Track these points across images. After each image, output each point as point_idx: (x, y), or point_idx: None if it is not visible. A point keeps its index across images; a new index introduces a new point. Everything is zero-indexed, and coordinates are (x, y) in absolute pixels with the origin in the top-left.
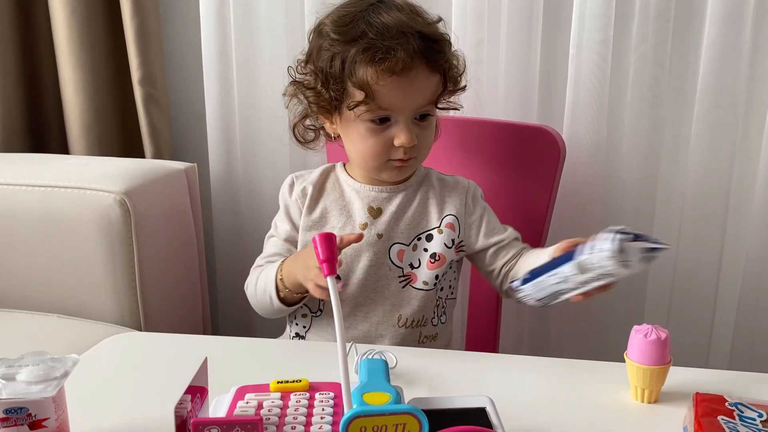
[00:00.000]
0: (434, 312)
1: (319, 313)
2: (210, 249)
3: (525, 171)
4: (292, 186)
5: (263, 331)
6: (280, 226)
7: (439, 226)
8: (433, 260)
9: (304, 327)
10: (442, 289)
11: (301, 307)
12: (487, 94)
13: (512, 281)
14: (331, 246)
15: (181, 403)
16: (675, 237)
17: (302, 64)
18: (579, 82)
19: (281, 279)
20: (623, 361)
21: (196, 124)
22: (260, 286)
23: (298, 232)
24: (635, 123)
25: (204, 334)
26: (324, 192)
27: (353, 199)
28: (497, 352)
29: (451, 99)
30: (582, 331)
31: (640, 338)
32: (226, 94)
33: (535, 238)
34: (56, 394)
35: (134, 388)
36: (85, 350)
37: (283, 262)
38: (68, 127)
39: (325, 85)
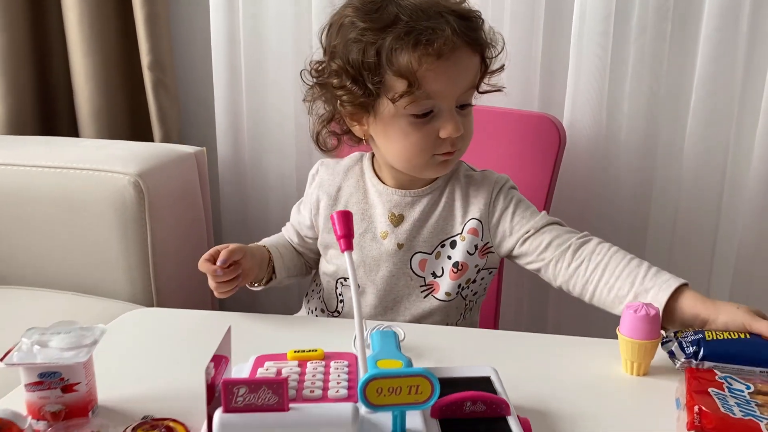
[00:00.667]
0: (461, 314)
1: (337, 314)
2: (218, 229)
3: (526, 158)
4: (314, 176)
5: (267, 309)
6: (298, 210)
7: (461, 233)
8: (455, 269)
9: None
10: (476, 293)
11: (320, 302)
12: (490, 81)
13: (666, 340)
14: (348, 223)
15: (208, 368)
16: (671, 222)
17: (319, 65)
18: (579, 71)
19: None
20: (616, 338)
21: (203, 108)
22: None
23: (309, 227)
24: (634, 112)
25: (210, 308)
26: (345, 190)
27: (375, 203)
28: (497, 328)
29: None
30: (579, 310)
31: (631, 314)
32: (234, 80)
33: None
34: (87, 360)
35: (154, 359)
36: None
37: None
38: (78, 110)
39: (358, 81)
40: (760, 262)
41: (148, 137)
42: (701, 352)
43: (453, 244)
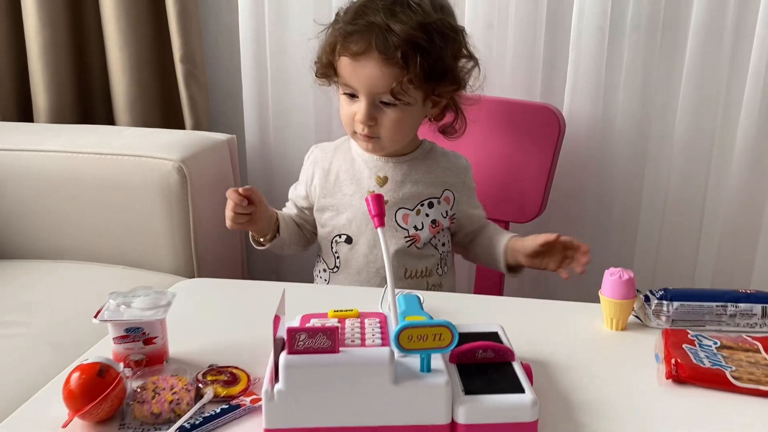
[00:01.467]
0: (438, 264)
1: (336, 269)
2: None
3: (529, 144)
4: (309, 156)
5: (290, 278)
6: (294, 188)
7: (439, 197)
8: (434, 225)
9: (325, 280)
10: (444, 244)
11: (321, 263)
12: (496, 73)
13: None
14: (380, 204)
15: (273, 323)
16: (661, 201)
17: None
18: (579, 64)
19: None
20: (599, 302)
21: (230, 98)
22: None
23: (304, 198)
24: (628, 101)
25: (242, 279)
26: (336, 161)
27: (362, 169)
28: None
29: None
30: (573, 278)
31: (612, 279)
32: (260, 72)
33: (535, 205)
34: (163, 318)
35: (208, 320)
36: None
37: None
38: (114, 100)
39: (321, 57)
40: (743, 231)
41: (179, 125)
42: (668, 295)
43: (431, 205)
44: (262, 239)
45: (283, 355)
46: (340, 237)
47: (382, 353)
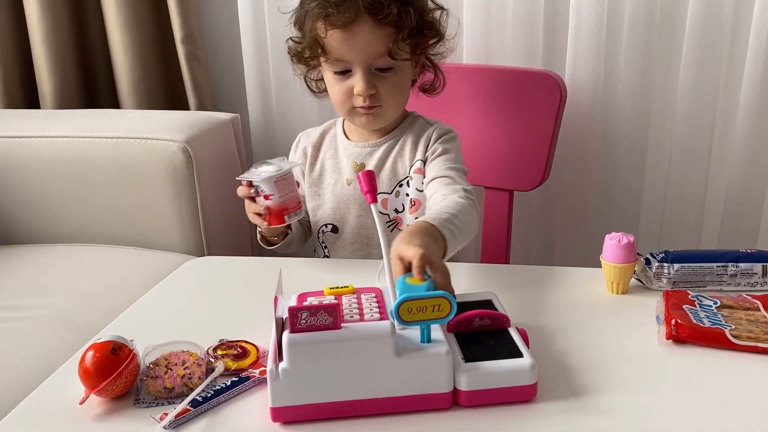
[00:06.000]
0: None
1: (326, 258)
2: None
3: (530, 112)
4: (297, 144)
5: (295, 254)
6: None
7: (409, 173)
8: (411, 205)
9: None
10: None
11: (321, 245)
12: (496, 41)
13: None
14: (371, 180)
15: (274, 303)
16: (665, 167)
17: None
18: (579, 29)
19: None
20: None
21: (232, 77)
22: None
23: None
24: (629, 65)
25: (251, 255)
26: (322, 150)
27: (343, 156)
28: (508, 264)
29: (434, 51)
30: (581, 244)
31: (612, 243)
32: (261, 50)
33: (538, 173)
34: (276, 180)
35: (218, 296)
36: (161, 274)
37: None
38: (118, 83)
39: (299, 42)
40: (748, 193)
41: (183, 106)
42: (669, 257)
43: (408, 184)
44: (275, 238)
45: (286, 334)
46: (326, 227)
47: (384, 327)
